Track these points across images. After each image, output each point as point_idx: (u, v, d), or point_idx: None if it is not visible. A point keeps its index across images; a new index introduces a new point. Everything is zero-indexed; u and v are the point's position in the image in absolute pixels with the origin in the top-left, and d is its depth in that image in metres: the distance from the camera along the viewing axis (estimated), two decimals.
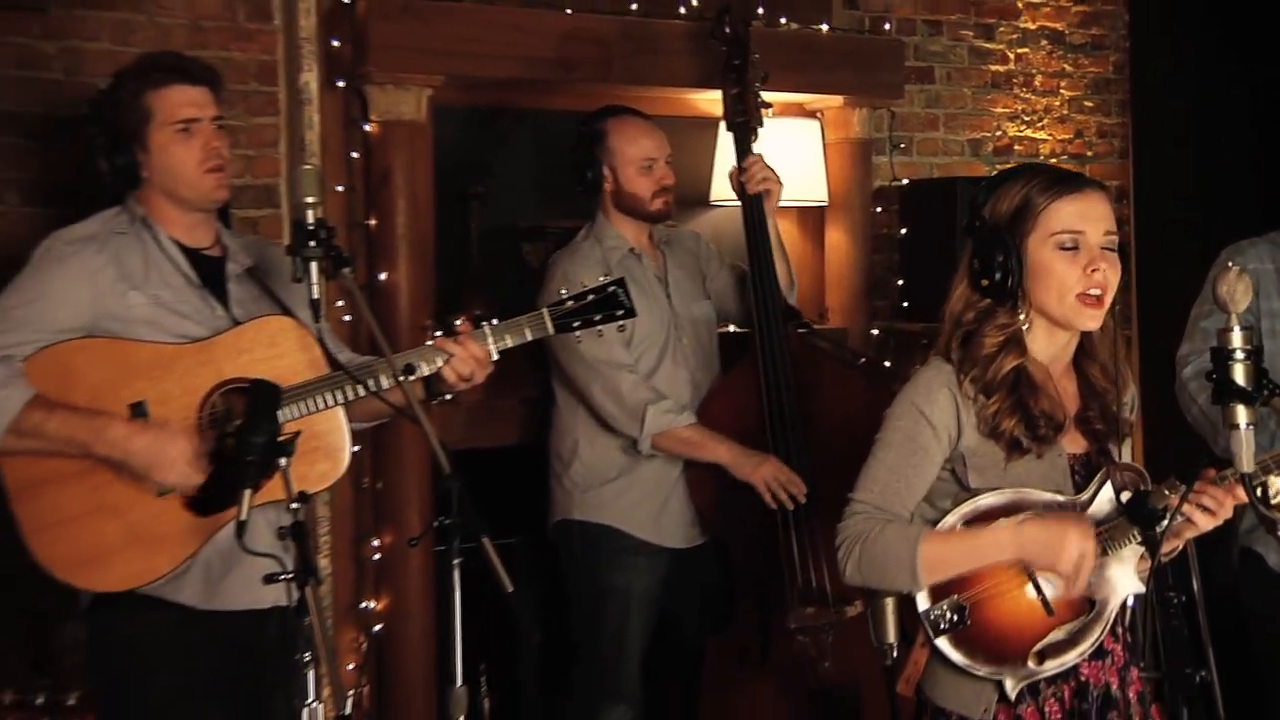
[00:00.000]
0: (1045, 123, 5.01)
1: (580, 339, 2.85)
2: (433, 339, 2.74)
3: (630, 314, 2.76)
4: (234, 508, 2.25)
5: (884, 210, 4.47)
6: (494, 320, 2.74)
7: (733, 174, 3.57)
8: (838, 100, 4.32)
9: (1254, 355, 2.06)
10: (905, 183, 4.51)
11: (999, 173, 2.46)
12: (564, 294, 2.78)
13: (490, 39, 3.72)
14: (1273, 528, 2.86)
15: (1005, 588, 2.31)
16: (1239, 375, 2.06)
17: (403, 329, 3.58)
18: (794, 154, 4.16)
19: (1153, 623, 2.25)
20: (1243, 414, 2.07)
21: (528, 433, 3.79)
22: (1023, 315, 2.32)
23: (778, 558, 3.43)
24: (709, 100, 3.92)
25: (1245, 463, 2.08)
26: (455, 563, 2.33)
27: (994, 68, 4.90)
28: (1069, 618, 2.30)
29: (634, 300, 2.78)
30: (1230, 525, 2.43)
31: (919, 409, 2.33)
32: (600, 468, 3.50)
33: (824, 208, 4.39)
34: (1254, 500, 2.17)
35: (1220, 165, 4.85)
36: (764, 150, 3.57)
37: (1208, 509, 2.24)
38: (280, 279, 2.76)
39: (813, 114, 4.36)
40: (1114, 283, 2.28)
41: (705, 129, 4.14)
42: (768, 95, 3.61)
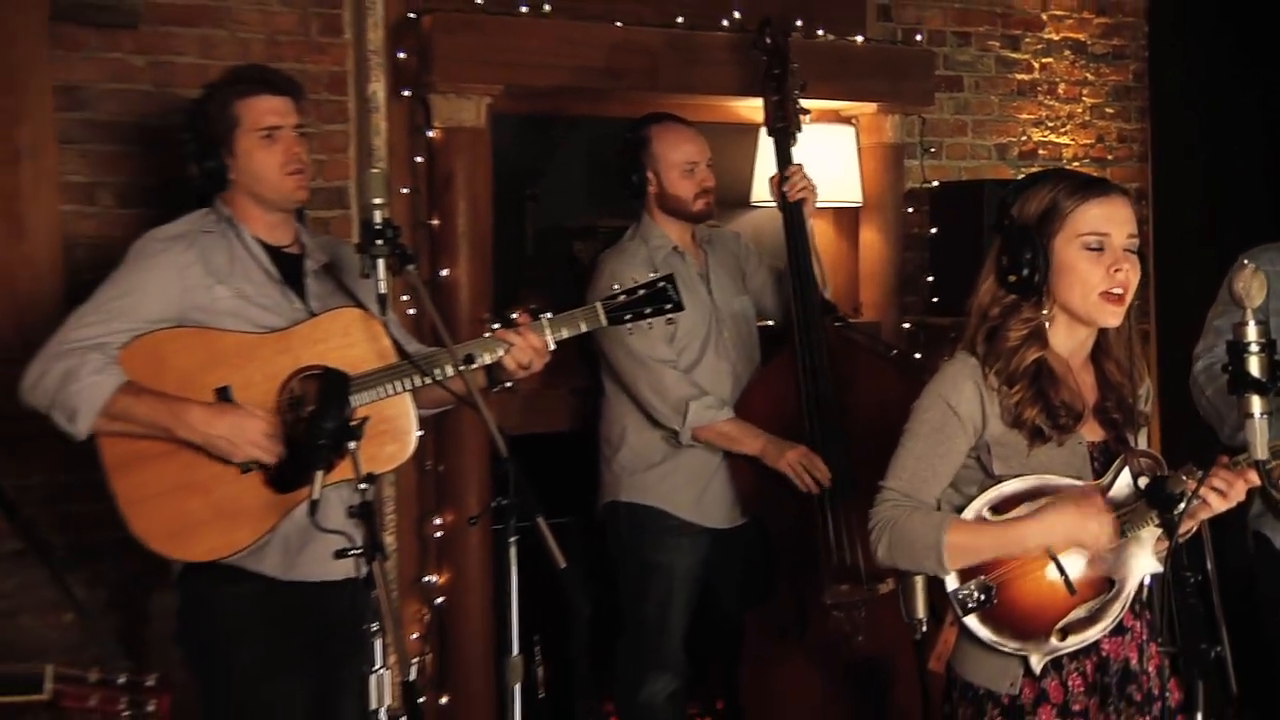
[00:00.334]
0: (1068, 128, 4.99)
1: (631, 330, 2.87)
2: (492, 331, 2.75)
3: (678, 308, 2.77)
4: (309, 486, 2.27)
5: (915, 211, 4.46)
6: (549, 313, 2.76)
7: (773, 181, 3.57)
8: (872, 107, 4.31)
9: (1268, 348, 2.06)
10: (935, 185, 4.49)
11: (1027, 176, 2.45)
12: (616, 288, 2.79)
13: (545, 50, 3.73)
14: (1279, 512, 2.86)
15: (1029, 568, 2.32)
16: (1254, 367, 2.06)
17: (463, 322, 3.59)
18: (830, 158, 4.16)
19: (1170, 601, 2.25)
20: (1257, 404, 2.07)
21: (578, 420, 3.80)
22: (1046, 310, 2.32)
23: (814, 538, 3.44)
24: (750, 107, 3.91)
25: (1259, 450, 2.08)
26: (511, 540, 2.35)
27: (1019, 76, 4.88)
28: (1090, 596, 2.31)
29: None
30: (1242, 508, 2.44)
31: (946, 400, 2.34)
32: (646, 453, 3.51)
33: (858, 208, 4.39)
34: (1267, 485, 2.18)
35: (1234, 168, 4.82)
36: (802, 154, 3.58)
37: (1221, 492, 2.23)
38: (351, 275, 2.79)
39: (848, 120, 4.35)
40: (1134, 282, 2.28)
41: (747, 134, 4.14)
42: (806, 102, 3.62)
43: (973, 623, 2.31)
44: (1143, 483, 2.27)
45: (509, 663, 2.36)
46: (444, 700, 3.70)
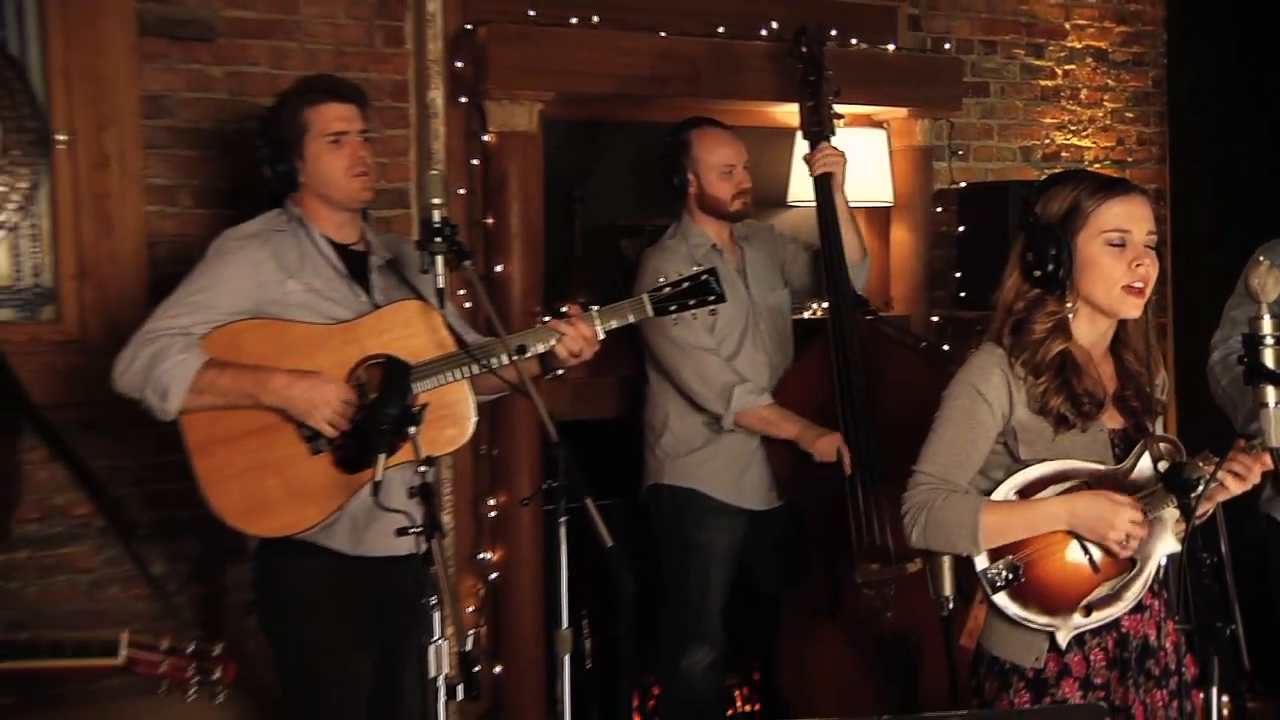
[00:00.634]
0: (1089, 132, 4.95)
1: (676, 321, 2.87)
2: (544, 322, 2.77)
3: (720, 299, 2.77)
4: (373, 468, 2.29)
5: (943, 210, 4.44)
6: (597, 306, 2.77)
7: (806, 158, 3.56)
8: (902, 112, 4.30)
9: None
10: (963, 186, 4.47)
11: (1049, 176, 2.44)
12: (661, 281, 2.80)
13: (593, 59, 3.73)
14: None
15: (1056, 548, 2.32)
16: (1268, 359, 2.06)
17: (515, 314, 3.61)
18: (863, 160, 4.15)
19: (1187, 581, 2.24)
20: (1271, 394, 2.07)
21: (624, 407, 3.81)
22: (1070, 304, 2.32)
23: (846, 519, 3.43)
24: (787, 112, 3.91)
25: (1274, 437, 2.08)
26: (561, 520, 2.38)
27: (1043, 83, 4.85)
28: (1113, 574, 2.31)
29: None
30: (1255, 493, 2.42)
31: (975, 388, 2.34)
32: (688, 438, 3.51)
33: (889, 208, 4.37)
34: None
35: (1246, 170, 4.78)
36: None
37: (1238, 474, 2.23)
38: (412, 270, 2.80)
39: (880, 124, 4.33)
40: (1154, 276, 2.29)
41: (784, 138, 4.13)
42: (840, 107, 3.61)
43: (1002, 600, 2.31)
44: (1162, 467, 2.27)
45: (558, 635, 2.38)
46: (497, 669, 3.73)
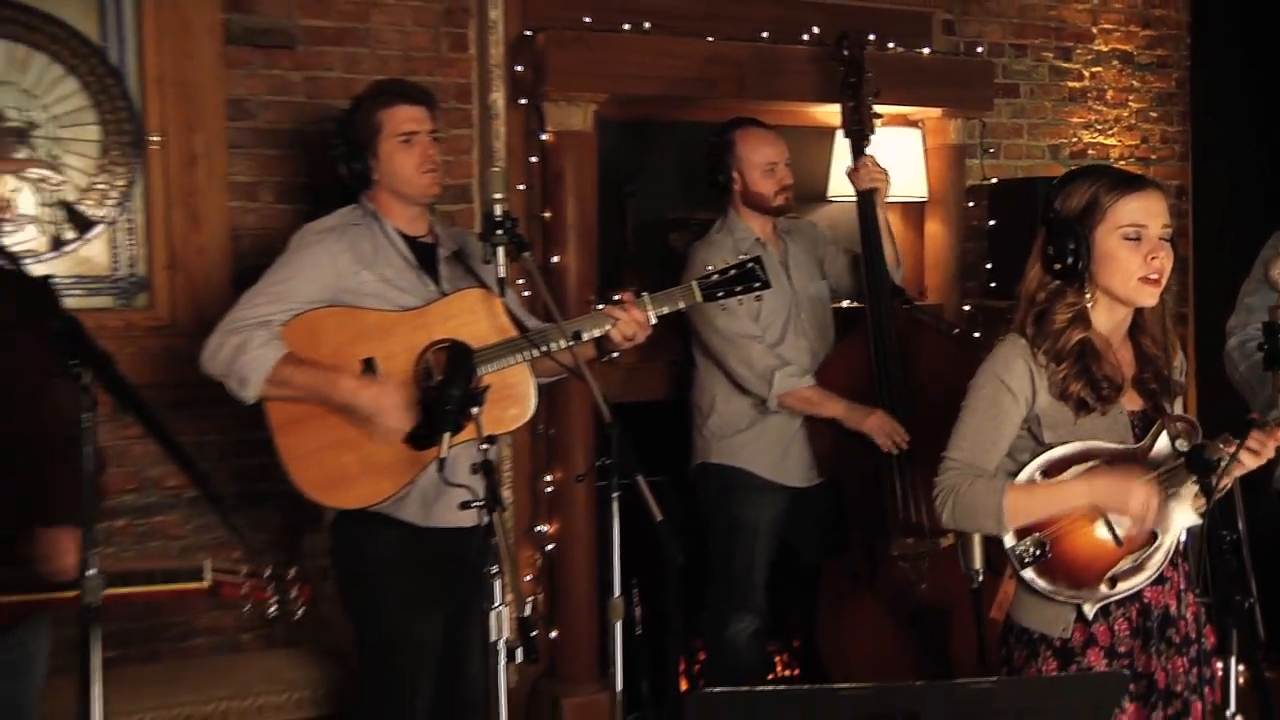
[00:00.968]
0: (1115, 131, 4.89)
1: (723, 307, 2.88)
2: (598, 309, 2.77)
3: (765, 285, 2.77)
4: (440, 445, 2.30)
5: (975, 205, 4.41)
6: (649, 293, 2.77)
7: (849, 172, 3.56)
8: (937, 112, 4.27)
9: None
10: (994, 182, 4.44)
11: (1067, 172, 2.41)
12: (710, 269, 2.81)
13: (645, 63, 3.74)
14: None
15: (1080, 525, 2.31)
16: None
17: (571, 302, 3.61)
18: (899, 157, 4.12)
19: (1206, 557, 2.23)
20: None
21: (673, 390, 3.81)
22: (1088, 295, 2.30)
23: (883, 496, 3.43)
24: (828, 112, 3.89)
25: None
26: (613, 496, 2.39)
27: (1071, 84, 4.79)
28: (1135, 548, 2.30)
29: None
30: (1269, 472, 2.40)
31: (999, 377, 2.33)
32: (733, 419, 3.51)
33: (924, 203, 4.35)
34: None
35: (1263, 166, 4.72)
36: (873, 154, 3.55)
37: (1253, 450, 2.22)
38: (476, 260, 2.82)
39: (915, 124, 4.31)
40: (1169, 267, 2.27)
41: (824, 136, 4.12)
42: (878, 108, 3.60)
43: (1030, 575, 2.30)
44: (1180, 445, 2.26)
45: (610, 603, 2.41)
46: (554, 634, 3.75)
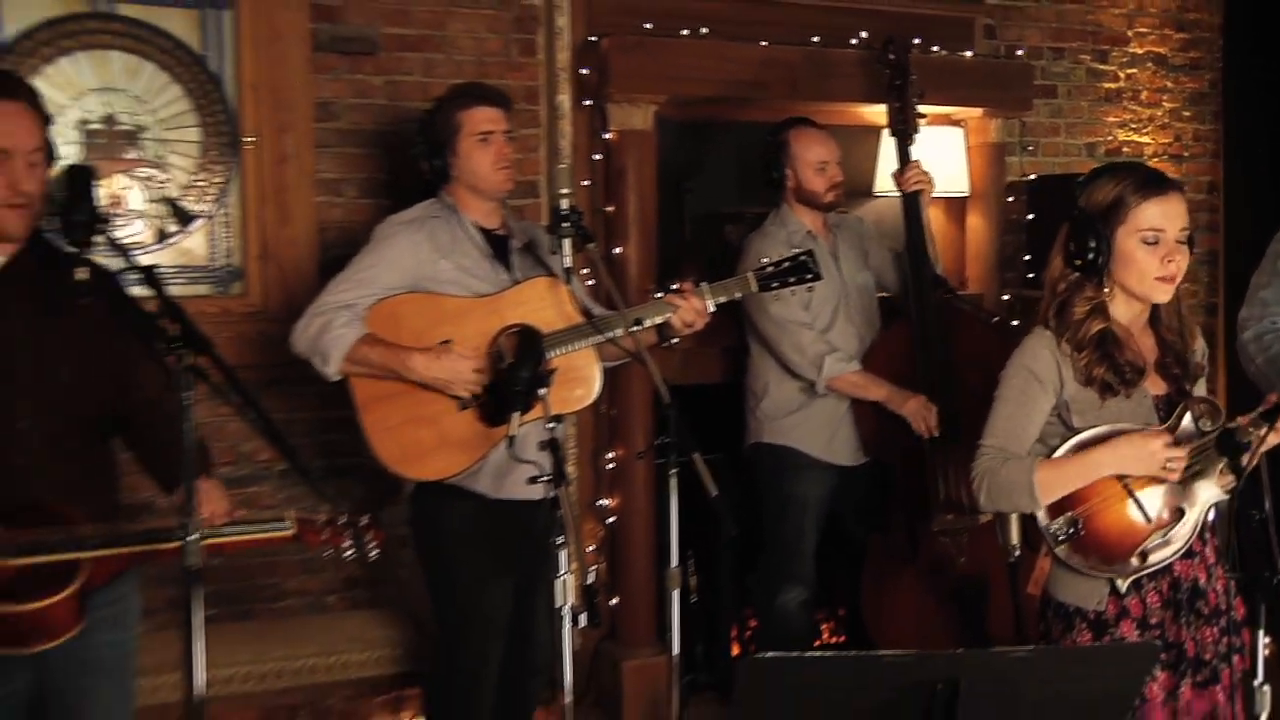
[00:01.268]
0: (1149, 130, 4.82)
1: (776, 296, 2.90)
2: (658, 297, 2.79)
3: (817, 277, 2.78)
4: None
5: (1014, 200, 4.37)
6: (707, 282, 2.78)
7: (895, 175, 3.56)
8: (978, 112, 4.24)
9: None
10: (1032, 178, 4.40)
11: (1095, 168, 2.40)
12: (765, 261, 2.83)
13: (702, 67, 3.75)
14: None
15: (1110, 502, 2.30)
16: None
17: (632, 291, 3.63)
18: (942, 155, 4.12)
19: (1235, 534, 2.22)
20: None
21: (728, 373, 3.81)
22: (1106, 289, 2.31)
23: (925, 474, 3.44)
24: (875, 112, 3.88)
25: None
26: (671, 472, 2.41)
27: (1107, 85, 4.74)
28: (1164, 523, 2.29)
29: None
30: None
31: (1028, 368, 2.34)
32: (785, 402, 3.52)
33: (966, 198, 4.32)
34: None
35: None
36: (918, 152, 3.54)
37: (1278, 429, 2.20)
38: (544, 251, 2.85)
39: (957, 123, 4.28)
40: (1184, 267, 2.27)
41: (871, 135, 4.11)
42: (923, 108, 3.58)
43: (1064, 552, 2.30)
44: (1204, 425, 2.25)
45: (668, 573, 2.44)
46: (614, 601, 3.79)
